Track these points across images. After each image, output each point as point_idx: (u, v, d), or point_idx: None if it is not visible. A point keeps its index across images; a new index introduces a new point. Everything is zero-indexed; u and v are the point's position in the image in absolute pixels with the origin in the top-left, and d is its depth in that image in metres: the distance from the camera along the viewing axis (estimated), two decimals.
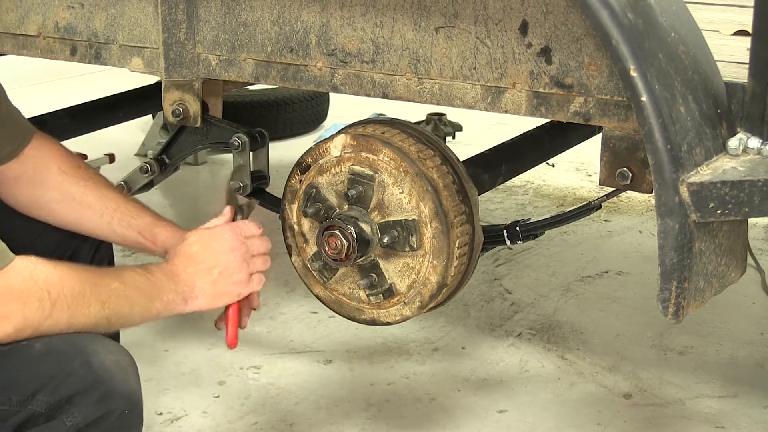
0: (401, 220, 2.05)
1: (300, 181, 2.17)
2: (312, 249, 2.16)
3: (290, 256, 2.22)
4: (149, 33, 2.43)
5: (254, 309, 2.06)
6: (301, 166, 2.17)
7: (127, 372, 1.65)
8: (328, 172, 2.12)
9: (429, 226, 2.02)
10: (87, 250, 2.08)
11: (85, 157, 3.47)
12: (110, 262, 2.13)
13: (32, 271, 1.61)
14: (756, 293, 3.33)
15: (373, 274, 2.11)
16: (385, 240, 2.06)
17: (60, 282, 1.63)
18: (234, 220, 2.07)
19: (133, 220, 2.04)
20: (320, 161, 2.13)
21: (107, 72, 5.23)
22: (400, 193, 2.04)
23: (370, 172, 2.06)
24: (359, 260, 2.10)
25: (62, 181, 2.03)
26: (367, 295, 2.13)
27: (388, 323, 2.14)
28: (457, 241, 2.05)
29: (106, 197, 2.05)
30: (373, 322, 2.16)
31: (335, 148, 2.10)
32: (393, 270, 2.09)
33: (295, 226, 2.20)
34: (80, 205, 2.03)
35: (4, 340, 1.58)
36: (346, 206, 2.10)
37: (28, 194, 2.04)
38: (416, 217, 2.03)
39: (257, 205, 2.25)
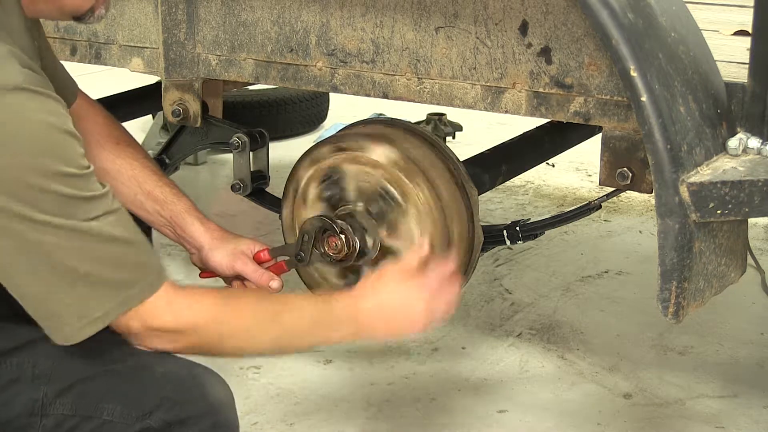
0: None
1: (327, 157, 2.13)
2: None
3: None
4: (149, 33, 2.43)
5: None
6: (336, 146, 2.13)
7: (232, 406, 1.70)
8: (359, 165, 2.10)
9: None
10: None
11: None
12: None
13: (200, 300, 1.66)
14: (756, 293, 3.33)
15: None
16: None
17: (222, 318, 1.67)
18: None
19: (167, 206, 2.03)
20: (356, 152, 2.10)
21: (107, 72, 5.23)
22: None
23: (401, 199, 2.05)
24: (358, 261, 2.10)
25: (97, 154, 2.00)
26: None
27: None
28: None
29: (141, 178, 2.03)
30: None
31: (377, 155, 2.08)
32: None
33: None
34: (114, 180, 2.00)
35: (172, 351, 1.66)
36: (361, 205, 2.09)
37: None
38: None
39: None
